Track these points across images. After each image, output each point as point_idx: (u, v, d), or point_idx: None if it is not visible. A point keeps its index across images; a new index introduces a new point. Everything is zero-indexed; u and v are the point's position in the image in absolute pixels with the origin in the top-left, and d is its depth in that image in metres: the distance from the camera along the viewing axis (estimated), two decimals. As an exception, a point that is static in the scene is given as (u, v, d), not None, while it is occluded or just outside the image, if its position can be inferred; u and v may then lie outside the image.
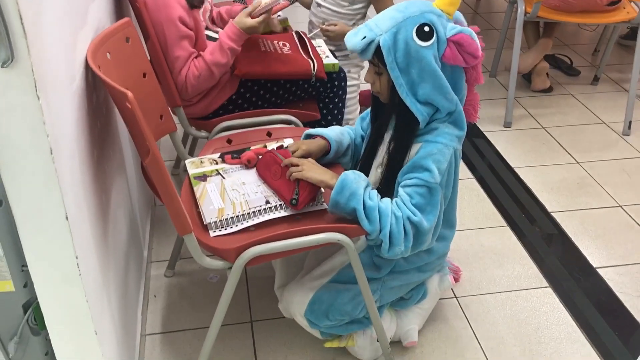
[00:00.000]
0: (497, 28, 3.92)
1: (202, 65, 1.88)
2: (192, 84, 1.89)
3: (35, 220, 1.05)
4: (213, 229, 1.47)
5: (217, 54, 1.88)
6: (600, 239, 2.25)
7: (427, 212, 1.46)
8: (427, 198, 1.45)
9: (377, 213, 1.42)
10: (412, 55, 1.40)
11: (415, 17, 1.40)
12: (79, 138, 1.21)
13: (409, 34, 1.39)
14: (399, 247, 1.44)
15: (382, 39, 1.40)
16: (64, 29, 1.18)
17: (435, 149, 1.46)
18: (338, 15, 2.42)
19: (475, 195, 2.47)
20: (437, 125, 1.48)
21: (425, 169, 1.45)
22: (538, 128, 2.95)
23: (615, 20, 2.93)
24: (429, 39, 1.40)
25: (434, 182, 1.45)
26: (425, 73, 1.41)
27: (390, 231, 1.43)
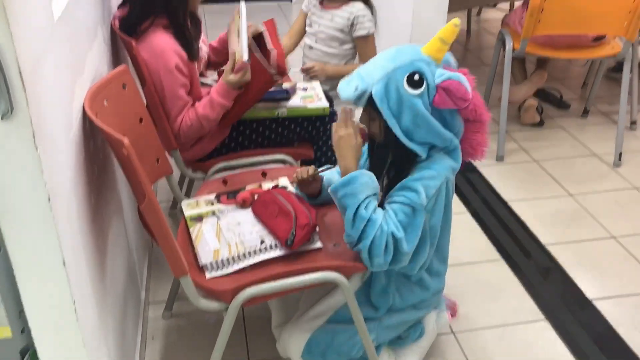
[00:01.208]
0: (487, 64, 3.99)
1: (194, 117, 1.92)
2: (185, 132, 1.94)
3: (33, 266, 1.07)
4: (209, 270, 1.48)
5: (207, 109, 1.92)
6: (596, 271, 2.26)
7: (408, 233, 1.48)
8: (410, 218, 1.48)
9: (364, 224, 1.44)
10: (404, 103, 1.45)
11: (405, 66, 1.45)
12: (76, 184, 1.24)
13: (399, 83, 1.44)
14: (378, 259, 1.46)
15: (375, 90, 1.45)
16: (62, 78, 1.22)
17: (427, 174, 1.50)
18: (329, 55, 2.48)
19: (470, 229, 2.49)
20: (432, 153, 1.52)
21: (413, 189, 1.48)
22: (530, 161, 2.99)
23: (601, 55, 3.00)
24: (419, 87, 1.44)
25: (419, 204, 1.47)
26: (418, 119, 1.46)
27: (372, 242, 1.44)
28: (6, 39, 0.90)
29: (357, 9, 2.37)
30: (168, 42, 1.84)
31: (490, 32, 4.70)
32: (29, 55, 0.98)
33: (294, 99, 2.18)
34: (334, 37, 2.44)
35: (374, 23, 2.43)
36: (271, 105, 2.12)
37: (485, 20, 4.97)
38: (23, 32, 0.96)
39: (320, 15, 2.47)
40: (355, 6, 2.37)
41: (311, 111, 2.14)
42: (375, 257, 1.46)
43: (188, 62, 1.90)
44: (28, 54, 0.98)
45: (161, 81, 1.85)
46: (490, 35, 4.63)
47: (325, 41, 2.46)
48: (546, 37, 2.94)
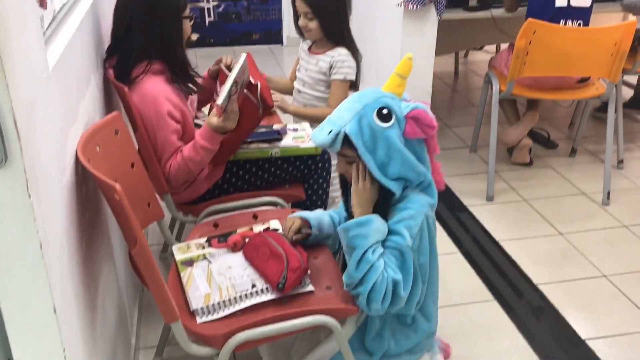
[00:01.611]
0: (475, 105, 4.06)
1: (180, 160, 1.93)
2: (174, 176, 1.95)
3: (23, 313, 1.07)
4: (200, 315, 1.48)
5: (191, 151, 1.92)
6: (587, 310, 2.26)
7: (402, 276, 1.50)
8: (400, 260, 1.50)
9: (368, 268, 1.46)
10: (377, 137, 1.49)
11: (372, 103, 1.51)
12: (68, 230, 1.25)
13: (370, 118, 1.49)
14: (376, 304, 1.48)
15: (349, 128, 1.49)
16: (56, 126, 1.24)
17: (407, 215, 1.52)
18: (317, 99, 2.52)
19: (462, 270, 2.49)
20: (407, 192, 1.55)
21: (397, 233, 1.51)
22: (520, 200, 3.02)
23: (586, 96, 3.06)
24: (389, 120, 1.49)
25: (406, 245, 1.50)
26: (392, 151, 1.50)
27: (372, 287, 1.46)
28: (2, 89, 0.92)
29: (338, 54, 2.43)
30: (160, 88, 1.87)
31: (477, 74, 4.79)
32: (24, 104, 1.00)
33: (286, 139, 2.21)
34: (320, 81, 2.49)
35: (356, 72, 2.47)
36: (264, 146, 2.15)
37: (472, 62, 5.07)
38: (19, 82, 0.98)
39: (307, 61, 2.53)
40: (338, 51, 2.43)
41: (304, 151, 2.17)
42: (373, 302, 1.47)
43: (181, 106, 1.93)
44: (23, 104, 0.99)
45: (153, 127, 1.87)
46: (477, 77, 4.72)
47: (312, 85, 2.51)
48: (532, 79, 3.01)
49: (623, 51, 2.77)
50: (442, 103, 4.17)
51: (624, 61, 2.82)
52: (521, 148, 3.30)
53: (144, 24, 1.86)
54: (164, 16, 1.87)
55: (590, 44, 2.80)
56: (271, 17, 5.44)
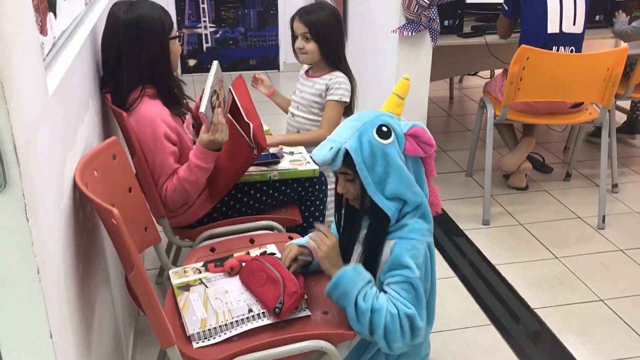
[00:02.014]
0: (470, 129, 4.10)
1: (176, 182, 1.92)
2: (171, 197, 1.94)
3: (19, 338, 1.06)
4: (196, 340, 1.47)
5: (186, 172, 1.91)
6: (585, 335, 2.26)
7: (416, 307, 1.49)
8: (413, 293, 1.50)
9: (369, 315, 1.46)
10: (377, 153, 1.50)
11: (371, 121, 1.53)
12: (65, 255, 1.25)
13: (370, 135, 1.50)
14: (397, 343, 1.48)
15: (349, 144, 1.50)
16: (55, 151, 1.25)
17: (410, 245, 1.52)
18: (311, 122, 2.54)
19: (459, 294, 2.49)
20: (407, 221, 1.54)
21: (404, 266, 1.50)
22: (516, 225, 3.03)
23: (579, 121, 3.09)
24: (389, 137, 1.51)
25: (415, 277, 1.50)
26: (390, 168, 1.50)
27: (385, 329, 1.46)
28: (3, 115, 0.93)
29: (336, 76, 2.45)
30: (156, 110, 1.89)
31: (472, 99, 4.83)
32: (23, 130, 1.01)
33: (283, 162, 2.23)
34: (314, 103, 2.51)
35: (350, 94, 2.50)
36: (264, 169, 2.16)
37: (467, 87, 5.12)
38: (19, 108, 0.99)
39: (303, 83, 2.55)
40: (335, 74, 2.46)
41: (302, 173, 2.18)
42: (393, 342, 1.48)
43: (177, 128, 1.94)
44: (23, 129, 1.00)
45: (151, 150, 1.88)
46: (472, 102, 4.76)
47: (307, 107, 2.53)
48: (526, 104, 3.04)
49: (615, 77, 2.81)
50: (437, 128, 4.20)
51: (617, 87, 2.86)
52: (520, 172, 3.32)
53: (132, 51, 1.88)
54: (151, 41, 1.89)
55: (583, 69, 2.84)
56: (268, 43, 5.50)
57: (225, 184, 2.04)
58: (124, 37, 1.87)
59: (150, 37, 1.89)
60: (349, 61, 2.57)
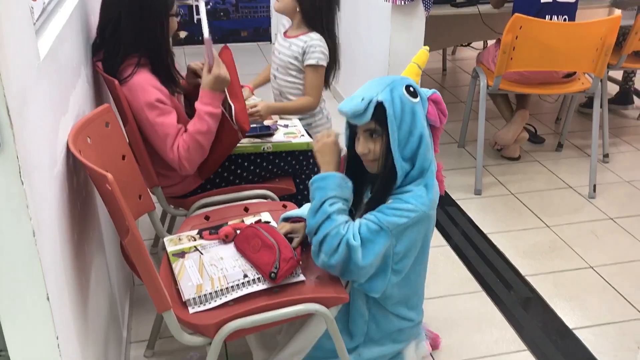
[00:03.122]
0: (463, 101, 4.10)
1: (187, 138, 1.89)
2: (185, 157, 1.89)
3: (16, 301, 1.07)
4: (192, 305, 1.49)
5: (197, 124, 1.89)
6: (575, 301, 2.29)
7: (365, 247, 1.51)
8: (373, 235, 1.51)
9: (324, 218, 1.51)
10: (406, 110, 1.52)
11: (399, 80, 1.55)
12: (60, 220, 1.25)
13: (400, 92, 1.52)
14: (324, 256, 1.52)
15: (382, 96, 1.50)
16: (47, 117, 1.24)
17: (404, 207, 1.53)
18: (291, 84, 2.51)
19: (451, 263, 2.52)
20: (411, 188, 1.55)
21: (385, 214, 1.53)
22: (507, 194, 3.05)
23: (572, 91, 3.10)
24: (416, 97, 1.54)
25: (386, 226, 1.51)
26: (414, 128, 1.52)
27: (324, 238, 1.51)
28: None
29: (311, 39, 2.41)
30: (147, 78, 1.87)
31: (465, 70, 4.82)
32: (16, 92, 1.00)
33: (277, 134, 2.22)
34: (291, 65, 2.48)
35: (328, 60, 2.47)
36: (257, 141, 2.16)
37: (460, 59, 5.11)
38: (10, 70, 0.98)
39: (281, 44, 2.52)
40: (310, 36, 2.41)
41: (295, 146, 2.18)
42: (322, 253, 1.52)
43: (170, 96, 1.93)
44: (15, 92, 1.00)
45: (146, 117, 1.85)
46: (465, 74, 4.75)
47: (285, 69, 2.50)
48: (519, 74, 3.04)
49: (608, 46, 2.81)
50: (430, 99, 4.18)
51: (609, 56, 2.86)
52: (516, 142, 3.34)
53: (132, 22, 1.86)
54: (153, 15, 1.87)
55: (575, 38, 2.84)
56: (259, 14, 5.44)
57: (213, 163, 2.04)
58: (127, 9, 1.85)
59: (153, 12, 1.87)
60: (343, 30, 2.53)
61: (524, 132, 3.31)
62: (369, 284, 1.57)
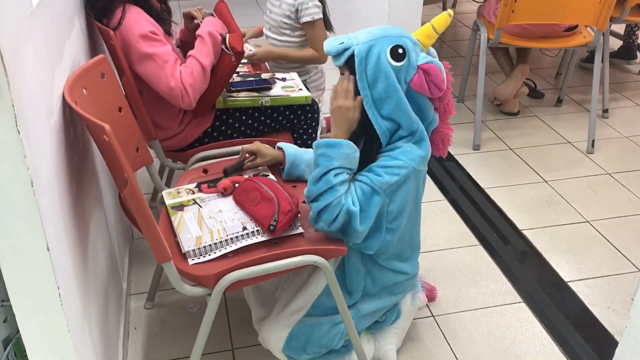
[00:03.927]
0: (463, 55, 4.05)
1: (190, 62, 1.88)
2: (189, 83, 1.85)
3: (17, 252, 1.07)
4: (191, 257, 1.50)
5: (199, 45, 1.89)
6: (570, 254, 2.32)
7: (362, 210, 1.50)
8: (367, 197, 1.50)
9: (326, 188, 1.47)
10: (381, 70, 1.48)
11: (393, 37, 1.50)
12: (58, 172, 1.24)
13: (383, 50, 1.48)
14: (322, 223, 1.50)
15: (357, 49, 1.48)
16: (42, 65, 1.22)
17: (394, 163, 1.52)
18: (285, 43, 2.49)
19: (448, 216, 2.53)
20: (400, 144, 1.54)
21: (376, 173, 1.52)
22: (506, 149, 3.04)
23: (573, 45, 3.06)
24: (400, 61, 1.49)
25: (378, 186, 1.50)
26: (390, 89, 1.49)
27: (325, 207, 1.47)
28: (-13, 22, 0.90)
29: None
30: (138, 12, 1.85)
31: (465, 24, 4.75)
32: (9, 39, 0.98)
33: (275, 88, 2.20)
34: (283, 24, 2.45)
35: (322, 9, 2.43)
36: (254, 95, 2.13)
37: (461, 12, 5.02)
38: (3, 17, 0.96)
39: (272, 3, 2.49)
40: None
41: (294, 100, 2.16)
42: (321, 221, 1.50)
43: (161, 30, 1.90)
44: (8, 38, 0.98)
45: (143, 49, 1.81)
46: (465, 28, 4.68)
47: (277, 29, 2.47)
48: (519, 28, 2.99)
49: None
50: (429, 54, 4.13)
51: (612, 9, 2.81)
52: (516, 97, 3.31)
53: None
54: None
55: (578, -10, 2.79)
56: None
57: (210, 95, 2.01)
58: None
59: None
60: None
61: (523, 86, 3.28)
62: (364, 243, 1.58)
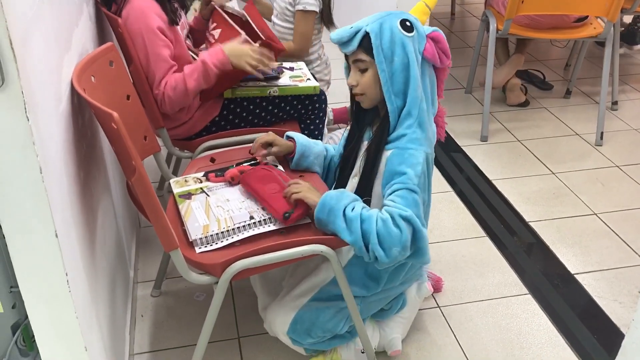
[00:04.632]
0: (471, 46, 4.02)
1: (179, 78, 1.88)
2: (169, 96, 1.88)
3: (25, 238, 1.08)
4: (199, 245, 1.50)
5: (194, 71, 1.89)
6: (577, 246, 2.31)
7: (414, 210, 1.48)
8: (410, 198, 1.48)
9: (359, 223, 1.44)
10: (396, 42, 1.49)
11: (397, 13, 1.53)
12: (66, 159, 1.24)
13: (394, 23, 1.50)
14: (395, 248, 1.43)
15: (370, 27, 1.50)
16: (51, 53, 1.22)
17: (407, 154, 1.52)
18: (288, 31, 2.50)
19: (455, 208, 2.53)
20: (404, 131, 1.54)
21: (402, 173, 1.51)
22: (514, 141, 3.03)
23: (583, 36, 3.03)
24: (411, 31, 1.51)
25: (412, 184, 1.49)
26: (407, 60, 1.50)
27: (378, 235, 1.42)
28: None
29: None
30: (149, 4, 1.84)
31: (474, 15, 4.72)
32: (18, 26, 0.98)
33: (283, 78, 2.19)
34: (286, 11, 2.47)
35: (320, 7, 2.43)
36: (263, 84, 2.13)
37: (470, 3, 4.99)
38: (13, 3, 0.96)
39: None
40: None
41: (302, 90, 2.16)
42: (391, 247, 1.43)
43: (171, 27, 1.90)
44: (18, 25, 0.98)
45: (144, 42, 1.82)
46: (473, 18, 4.65)
47: (282, 15, 2.49)
48: (529, 19, 2.97)
49: (623, -11, 2.73)
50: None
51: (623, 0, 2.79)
52: (512, 89, 3.29)
53: None
54: None
55: (589, -19, 2.76)
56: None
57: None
58: None
59: None
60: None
61: (516, 78, 3.26)
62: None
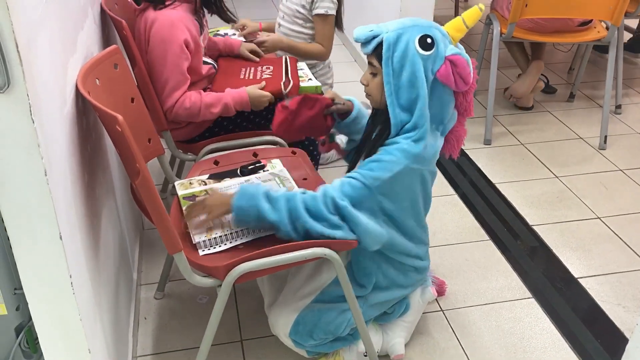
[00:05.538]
0: (475, 49, 4.02)
1: (197, 101, 1.91)
2: (178, 112, 1.91)
3: (30, 240, 1.08)
4: (202, 248, 1.50)
5: (214, 102, 1.93)
6: (581, 250, 2.31)
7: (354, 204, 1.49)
8: (358, 193, 1.49)
9: (284, 201, 1.45)
10: (408, 58, 1.47)
11: (423, 27, 1.50)
12: (70, 161, 1.25)
13: (412, 38, 1.48)
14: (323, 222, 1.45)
15: (387, 35, 1.49)
16: (56, 55, 1.22)
17: (387, 158, 1.50)
18: (297, 34, 2.49)
19: (458, 211, 2.52)
20: (399, 139, 1.52)
21: (368, 168, 1.51)
22: (517, 144, 3.03)
23: (587, 39, 3.03)
24: (429, 50, 1.48)
25: (370, 182, 1.49)
26: (414, 79, 1.48)
27: (307, 209, 1.45)
28: (2, 11, 0.91)
29: None
30: (181, 15, 1.87)
31: (477, 18, 4.72)
32: (24, 29, 0.98)
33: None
34: (297, 14, 2.44)
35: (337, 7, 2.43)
36: None
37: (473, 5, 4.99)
38: (19, 6, 0.96)
39: None
40: None
41: (304, 89, 2.16)
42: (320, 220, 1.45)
43: (197, 38, 1.92)
44: (23, 28, 0.98)
45: (164, 50, 1.84)
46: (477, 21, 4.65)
47: (291, 17, 2.47)
48: (533, 22, 2.97)
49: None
50: (441, 48, 4.11)
51: (627, 3, 2.78)
52: (533, 91, 3.29)
53: None
54: None
55: (593, -15, 2.76)
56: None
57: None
58: None
59: None
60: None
61: (539, 81, 3.27)
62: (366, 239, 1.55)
